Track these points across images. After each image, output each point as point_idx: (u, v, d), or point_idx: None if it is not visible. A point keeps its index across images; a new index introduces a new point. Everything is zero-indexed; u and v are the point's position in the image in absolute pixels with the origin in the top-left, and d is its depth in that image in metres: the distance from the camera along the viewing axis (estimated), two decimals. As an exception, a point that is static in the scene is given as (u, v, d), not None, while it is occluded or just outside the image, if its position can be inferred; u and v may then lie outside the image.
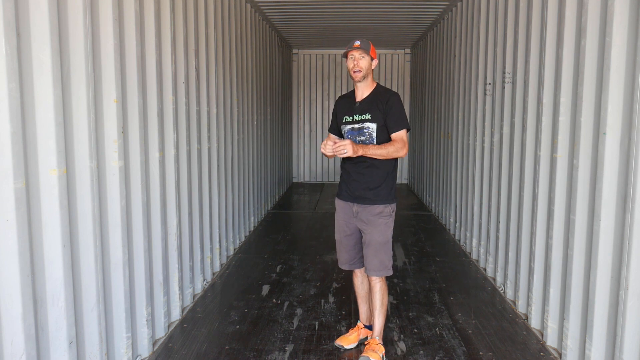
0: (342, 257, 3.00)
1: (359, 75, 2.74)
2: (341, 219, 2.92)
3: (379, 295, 2.85)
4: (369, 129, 2.75)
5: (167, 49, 3.20)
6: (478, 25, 4.74)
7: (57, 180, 2.12)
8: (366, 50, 2.72)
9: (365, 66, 2.74)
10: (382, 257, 2.80)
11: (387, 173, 2.79)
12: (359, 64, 2.73)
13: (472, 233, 4.97)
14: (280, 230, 6.10)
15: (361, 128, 2.77)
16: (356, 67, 2.74)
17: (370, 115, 2.75)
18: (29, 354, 1.99)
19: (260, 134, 6.47)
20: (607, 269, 2.52)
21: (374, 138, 2.75)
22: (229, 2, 4.80)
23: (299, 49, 10.00)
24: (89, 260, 2.38)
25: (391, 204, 2.81)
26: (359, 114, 2.79)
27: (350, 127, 2.81)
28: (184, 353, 2.94)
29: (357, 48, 2.72)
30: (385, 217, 2.79)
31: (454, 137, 5.76)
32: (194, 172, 3.80)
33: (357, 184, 2.81)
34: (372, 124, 2.74)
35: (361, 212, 2.81)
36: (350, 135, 2.81)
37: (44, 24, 2.03)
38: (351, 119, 2.82)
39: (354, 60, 2.74)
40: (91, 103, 2.33)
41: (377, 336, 2.87)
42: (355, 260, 2.96)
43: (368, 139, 2.76)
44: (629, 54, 2.38)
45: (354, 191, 2.83)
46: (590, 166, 2.68)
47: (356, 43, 2.74)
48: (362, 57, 2.73)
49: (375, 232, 2.78)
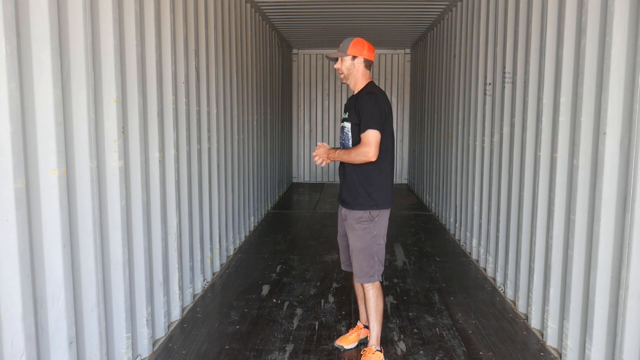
0: (341, 257, 3.04)
1: (342, 78, 2.83)
2: (338, 220, 2.98)
3: (371, 302, 2.80)
4: (345, 128, 2.78)
5: (167, 49, 3.20)
6: (478, 25, 4.74)
7: (57, 180, 2.12)
8: (343, 51, 2.76)
9: (345, 67, 2.78)
10: (362, 264, 2.75)
11: (365, 177, 2.72)
12: (340, 69, 2.80)
13: (472, 233, 4.97)
14: (280, 230, 6.10)
15: (342, 127, 2.82)
16: (338, 71, 2.83)
17: (347, 114, 2.78)
18: (29, 354, 1.99)
19: (260, 134, 6.47)
20: (607, 269, 2.51)
21: (349, 138, 2.76)
22: (229, 2, 4.80)
23: (299, 49, 10.00)
24: (89, 260, 2.38)
25: (372, 210, 2.71)
26: (344, 113, 2.86)
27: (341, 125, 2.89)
28: (184, 353, 2.94)
29: (332, 58, 2.81)
30: (364, 223, 2.72)
31: (454, 137, 5.76)
32: (194, 172, 3.80)
33: (342, 187, 2.86)
34: (347, 123, 2.77)
35: (347, 216, 2.81)
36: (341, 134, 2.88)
37: (44, 24, 2.03)
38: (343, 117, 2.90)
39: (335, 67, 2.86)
40: (91, 103, 2.33)
41: (373, 345, 2.81)
42: (350, 262, 2.95)
43: (344, 138, 2.79)
44: (629, 54, 2.38)
45: (340, 194, 2.88)
46: (590, 166, 2.68)
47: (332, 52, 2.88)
48: (340, 61, 2.78)
49: (353, 237, 2.77)
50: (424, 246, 5.32)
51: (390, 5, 6.15)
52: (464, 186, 5.31)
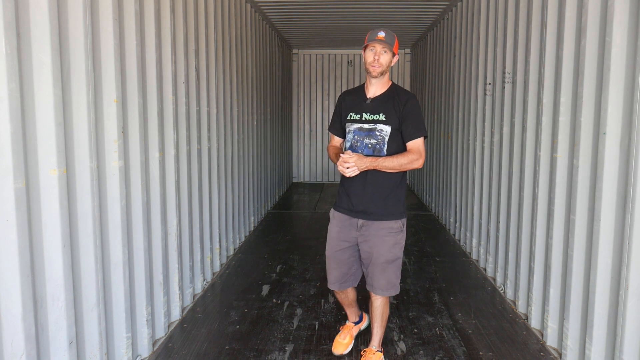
0: (332, 276, 2.69)
1: (378, 70, 2.44)
2: (335, 232, 2.62)
3: (381, 309, 2.66)
4: (382, 132, 2.44)
5: (167, 49, 3.20)
6: (478, 25, 4.74)
7: (57, 180, 2.12)
8: (390, 44, 2.42)
9: (385, 62, 2.45)
10: (390, 276, 2.55)
11: (396, 183, 2.49)
12: (380, 60, 2.43)
13: (472, 233, 4.97)
14: (280, 230, 6.10)
15: (372, 130, 2.46)
16: (376, 62, 2.43)
17: (384, 116, 2.45)
18: (29, 354, 1.99)
19: (260, 134, 6.47)
20: (607, 269, 2.51)
21: (385, 143, 2.45)
22: (229, 2, 4.80)
23: (299, 49, 10.00)
24: (89, 260, 2.38)
25: (401, 219, 2.53)
26: (370, 113, 2.48)
27: (358, 126, 2.50)
28: (184, 353, 2.94)
29: (381, 41, 2.39)
30: (394, 234, 2.50)
31: (454, 137, 5.76)
32: (194, 172, 3.80)
33: (361, 196, 2.49)
34: (386, 126, 2.44)
35: (367, 227, 2.52)
36: (357, 136, 2.50)
37: (44, 24, 2.03)
38: (359, 117, 2.51)
39: (374, 53, 2.43)
40: (91, 103, 2.33)
41: (374, 346, 2.76)
42: (347, 277, 2.68)
43: (379, 143, 2.45)
44: (629, 54, 2.38)
45: (357, 205, 2.51)
46: (590, 166, 2.68)
47: (380, 34, 2.40)
48: (384, 52, 2.43)
49: (383, 249, 2.50)
50: (424, 246, 5.31)
51: (390, 5, 6.15)
52: (464, 186, 5.31)
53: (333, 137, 2.74)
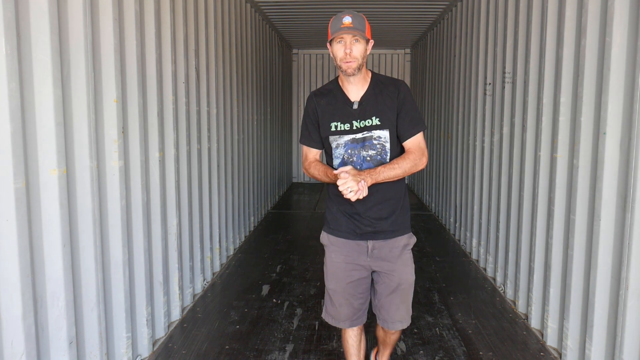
0: (342, 313, 2.17)
1: (353, 66, 1.95)
2: (340, 261, 2.14)
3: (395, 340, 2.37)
4: (380, 139, 2.01)
5: (167, 49, 3.20)
6: (478, 25, 4.74)
7: (57, 180, 2.12)
8: (361, 30, 1.92)
9: (360, 54, 1.95)
10: (409, 303, 2.19)
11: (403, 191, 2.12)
12: (353, 53, 1.94)
13: (472, 233, 4.97)
14: (280, 230, 6.10)
15: (367, 139, 2.01)
16: (349, 56, 1.93)
17: (379, 119, 2.01)
18: (29, 354, 1.99)
19: (260, 134, 6.47)
20: (607, 269, 2.51)
21: (387, 151, 2.02)
22: (229, 2, 4.80)
23: (299, 49, 10.00)
24: (89, 260, 2.38)
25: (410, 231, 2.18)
26: (360, 119, 2.02)
27: (350, 138, 2.02)
28: (184, 353, 2.94)
29: (349, 28, 1.90)
30: (409, 251, 2.16)
31: (454, 137, 5.76)
32: (194, 172, 3.80)
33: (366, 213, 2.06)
34: (383, 131, 2.01)
35: (380, 249, 2.09)
36: (350, 150, 2.03)
37: (44, 24, 2.03)
38: (348, 126, 2.02)
39: (344, 46, 1.94)
40: (91, 103, 2.33)
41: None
42: (360, 313, 2.21)
43: (380, 152, 2.02)
44: (629, 54, 2.38)
45: (364, 225, 2.08)
46: (590, 166, 2.68)
47: (345, 20, 1.91)
48: (356, 42, 1.94)
49: (405, 271, 2.11)
50: (424, 246, 5.31)
51: (390, 5, 6.15)
52: (464, 186, 5.31)
53: (309, 151, 2.16)
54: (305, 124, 2.14)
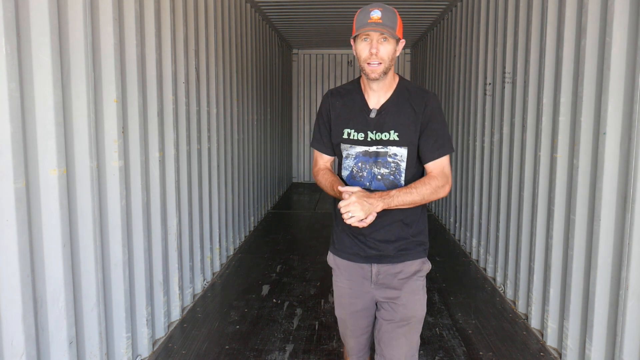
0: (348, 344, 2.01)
1: (379, 70, 1.66)
2: (345, 287, 1.88)
3: None
4: (396, 156, 1.73)
5: (167, 49, 3.20)
6: (478, 25, 4.74)
7: (57, 180, 2.12)
8: (392, 27, 1.64)
9: (388, 55, 1.66)
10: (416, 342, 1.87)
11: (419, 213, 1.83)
12: (380, 53, 1.65)
13: (472, 233, 4.97)
14: (280, 230, 6.10)
15: (381, 155, 1.74)
16: (374, 57, 1.65)
17: (397, 134, 1.72)
18: (29, 354, 1.99)
19: (260, 134, 6.47)
20: (607, 269, 2.52)
21: (402, 171, 1.75)
22: (229, 2, 4.80)
23: (299, 49, 10.00)
24: (89, 260, 2.38)
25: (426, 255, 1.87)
26: (376, 131, 1.73)
27: (362, 150, 1.76)
28: (184, 353, 2.94)
29: (378, 24, 1.62)
30: (422, 278, 1.84)
31: (454, 137, 5.76)
32: (194, 172, 3.80)
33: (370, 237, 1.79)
34: (400, 149, 1.73)
35: (384, 275, 1.81)
36: (360, 163, 1.76)
37: (44, 24, 2.03)
38: (362, 136, 1.75)
39: (370, 45, 1.65)
40: (91, 103, 2.33)
41: None
42: (366, 348, 2.01)
43: (393, 172, 1.75)
44: (629, 54, 2.38)
45: (368, 249, 1.80)
46: (590, 166, 2.68)
47: (374, 14, 1.64)
48: (385, 41, 1.65)
49: (413, 300, 1.80)
50: (424, 246, 5.31)
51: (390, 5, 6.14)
52: (464, 186, 5.31)
53: (320, 156, 1.91)
54: (318, 125, 1.89)
